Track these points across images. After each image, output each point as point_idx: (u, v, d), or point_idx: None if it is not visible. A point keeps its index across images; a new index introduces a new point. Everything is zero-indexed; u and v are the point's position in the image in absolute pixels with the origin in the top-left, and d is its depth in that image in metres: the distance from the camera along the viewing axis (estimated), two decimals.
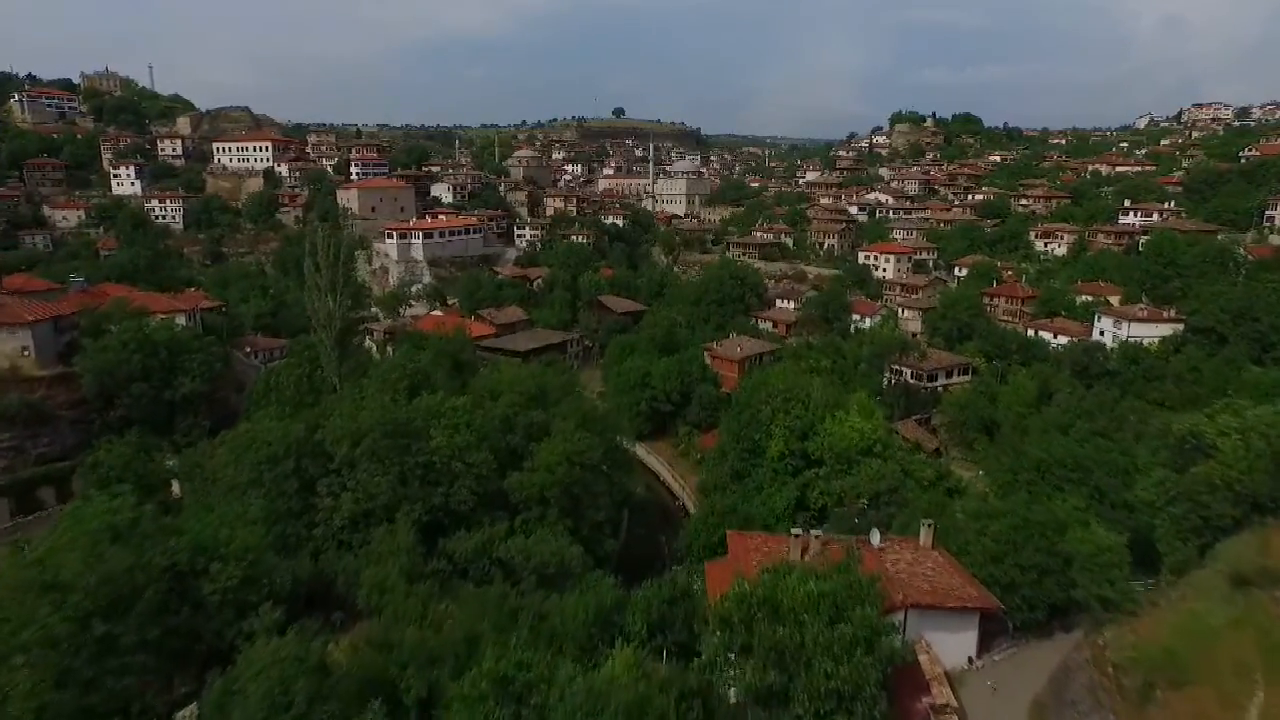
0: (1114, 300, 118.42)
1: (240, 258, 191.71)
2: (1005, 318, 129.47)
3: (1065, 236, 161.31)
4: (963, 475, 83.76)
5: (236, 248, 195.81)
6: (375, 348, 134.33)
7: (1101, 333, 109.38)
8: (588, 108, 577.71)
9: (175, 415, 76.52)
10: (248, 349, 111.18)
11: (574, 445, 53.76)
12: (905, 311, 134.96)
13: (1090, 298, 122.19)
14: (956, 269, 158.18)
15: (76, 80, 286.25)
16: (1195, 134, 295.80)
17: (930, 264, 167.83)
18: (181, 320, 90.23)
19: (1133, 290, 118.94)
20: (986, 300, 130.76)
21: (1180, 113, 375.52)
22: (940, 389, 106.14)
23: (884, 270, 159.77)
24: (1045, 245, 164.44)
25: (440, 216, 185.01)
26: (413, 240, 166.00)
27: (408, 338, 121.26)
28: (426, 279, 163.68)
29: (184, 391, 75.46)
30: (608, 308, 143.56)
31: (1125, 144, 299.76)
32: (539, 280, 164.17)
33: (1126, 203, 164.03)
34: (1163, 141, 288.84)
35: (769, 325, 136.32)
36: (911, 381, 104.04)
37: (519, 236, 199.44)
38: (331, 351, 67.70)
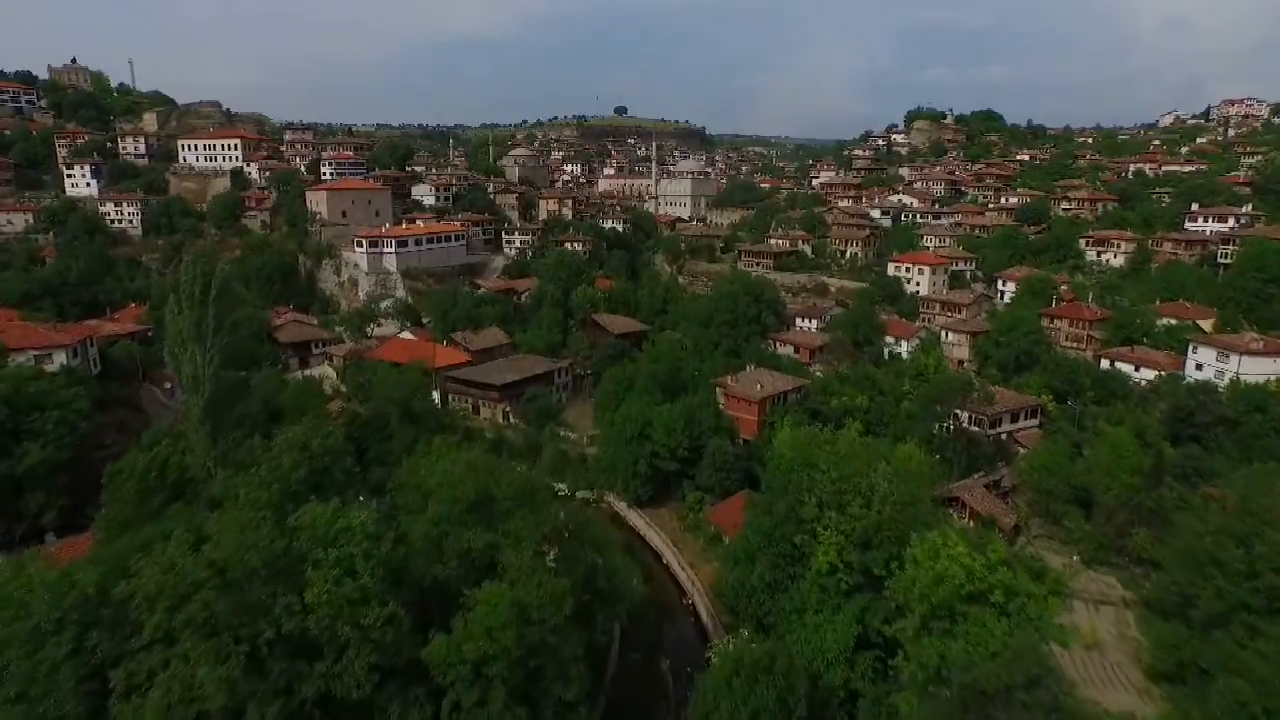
0: (1205, 325, 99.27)
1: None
2: (1069, 344, 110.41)
3: (1123, 245, 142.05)
4: (1052, 563, 65.23)
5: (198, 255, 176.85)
6: (335, 374, 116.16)
7: (1199, 367, 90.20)
8: (590, 107, 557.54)
9: (23, 493, 57.83)
10: (168, 384, 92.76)
11: (530, 594, 35.00)
12: (949, 335, 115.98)
13: (1174, 321, 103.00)
14: (1000, 282, 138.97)
15: (46, 75, 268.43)
16: (1232, 130, 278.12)
17: (968, 276, 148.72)
18: (61, 359, 71.46)
19: (1229, 313, 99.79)
20: (1046, 323, 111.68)
21: (1208, 109, 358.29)
22: (1005, 436, 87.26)
23: (917, 283, 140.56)
24: (1099, 255, 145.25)
25: (418, 222, 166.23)
26: (384, 249, 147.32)
27: (359, 369, 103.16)
28: (400, 293, 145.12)
29: (30, 463, 56.76)
30: (603, 328, 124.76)
31: (1158, 141, 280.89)
32: (527, 293, 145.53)
33: (1194, 206, 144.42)
34: (1199, 139, 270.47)
35: (789, 350, 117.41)
36: (971, 429, 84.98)
37: (508, 243, 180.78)
38: (200, 427, 48.81)
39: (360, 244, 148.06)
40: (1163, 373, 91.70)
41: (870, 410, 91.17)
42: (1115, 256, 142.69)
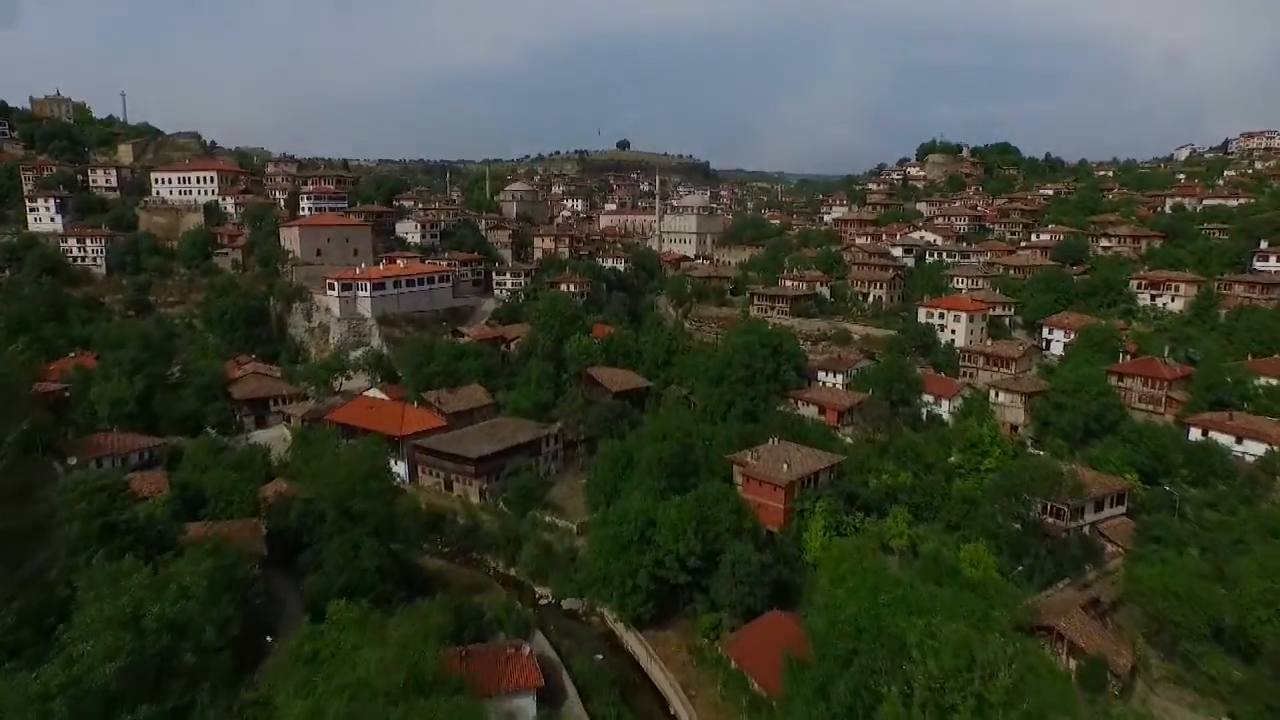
0: None
1: (169, 308, 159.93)
2: (1142, 406, 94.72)
3: (1181, 288, 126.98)
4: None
5: (165, 296, 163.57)
6: (291, 437, 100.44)
7: None
8: (592, 142, 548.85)
9: None
10: (71, 459, 77.31)
11: None
12: (1000, 394, 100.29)
13: (1273, 381, 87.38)
14: (1045, 330, 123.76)
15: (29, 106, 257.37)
16: (1259, 163, 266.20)
17: (1007, 322, 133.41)
18: None
19: None
20: (1114, 380, 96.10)
21: (1227, 141, 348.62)
22: (1088, 529, 71.07)
23: (952, 332, 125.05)
24: (1153, 298, 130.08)
25: (400, 261, 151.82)
26: (359, 292, 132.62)
27: (308, 440, 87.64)
28: (374, 341, 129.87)
29: None
30: (600, 384, 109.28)
31: (1182, 175, 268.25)
32: (517, 341, 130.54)
33: (1263, 244, 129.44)
34: (1226, 171, 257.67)
35: (813, 410, 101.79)
36: (1051, 520, 68.81)
37: (499, 284, 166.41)
38: None
39: (332, 286, 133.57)
40: (1275, 448, 75.89)
41: (916, 489, 75.67)
42: (1173, 300, 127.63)
